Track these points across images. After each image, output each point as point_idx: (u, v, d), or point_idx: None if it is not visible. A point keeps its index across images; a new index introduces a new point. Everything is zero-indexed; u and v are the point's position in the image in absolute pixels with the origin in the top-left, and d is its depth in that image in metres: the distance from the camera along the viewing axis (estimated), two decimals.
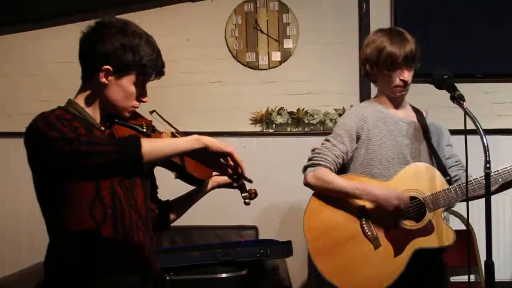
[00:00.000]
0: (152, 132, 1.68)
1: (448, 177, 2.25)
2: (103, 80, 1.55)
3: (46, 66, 3.87)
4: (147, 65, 1.57)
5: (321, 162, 2.27)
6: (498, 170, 2.14)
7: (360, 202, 2.22)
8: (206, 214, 2.08)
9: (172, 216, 1.88)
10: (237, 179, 1.63)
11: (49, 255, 1.60)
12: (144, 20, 1.72)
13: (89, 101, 1.61)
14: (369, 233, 2.20)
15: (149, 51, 1.57)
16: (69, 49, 4.10)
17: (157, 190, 1.88)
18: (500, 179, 2.14)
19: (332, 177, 2.23)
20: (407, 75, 2.24)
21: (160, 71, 1.62)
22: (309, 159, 2.33)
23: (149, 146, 1.41)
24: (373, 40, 2.28)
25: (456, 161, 2.37)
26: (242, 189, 1.92)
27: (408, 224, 2.19)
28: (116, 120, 1.61)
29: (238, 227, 3.62)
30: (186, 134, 1.69)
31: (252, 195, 1.92)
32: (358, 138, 2.28)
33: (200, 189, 1.85)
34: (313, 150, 2.34)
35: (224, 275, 2.95)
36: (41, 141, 1.43)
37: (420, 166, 2.23)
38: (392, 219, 2.20)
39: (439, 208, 2.19)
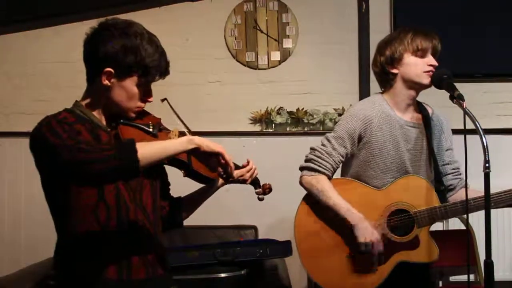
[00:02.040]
0: (159, 131, 1.67)
1: (443, 187, 2.25)
2: (106, 82, 1.56)
3: (45, 66, 3.87)
4: (150, 65, 1.56)
5: (320, 169, 2.24)
6: (500, 194, 2.13)
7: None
8: (205, 213, 2.07)
9: (184, 213, 1.88)
10: (227, 178, 1.62)
11: (56, 252, 1.63)
12: (143, 19, 1.71)
13: (94, 103, 1.62)
14: (356, 241, 2.19)
15: (151, 51, 1.56)
16: (68, 49, 4.14)
17: (169, 187, 1.88)
18: (492, 204, 2.11)
19: (328, 191, 2.21)
20: (435, 62, 2.18)
21: (164, 71, 1.61)
22: (308, 160, 2.29)
23: (144, 151, 1.43)
24: (396, 36, 2.23)
25: (453, 169, 2.33)
26: (256, 184, 1.88)
27: (395, 236, 2.19)
28: (122, 121, 1.62)
29: (237, 227, 3.61)
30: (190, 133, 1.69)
31: (267, 190, 1.88)
32: (360, 140, 2.24)
33: (210, 186, 1.85)
34: (312, 149, 2.29)
35: (223, 275, 2.95)
36: (44, 147, 1.46)
37: (415, 179, 2.22)
38: (380, 231, 2.19)
39: (427, 225, 2.20)
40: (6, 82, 3.88)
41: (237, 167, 1.79)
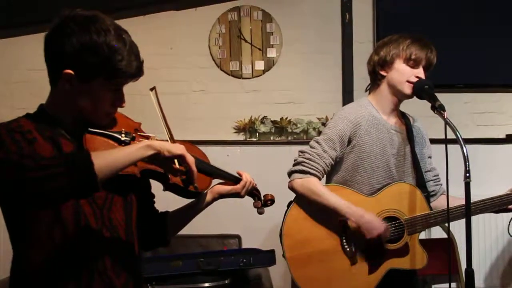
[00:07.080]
0: (132, 139, 1.47)
1: (426, 193, 2.26)
2: (67, 86, 1.36)
3: (29, 74, 3.83)
4: (117, 66, 1.35)
5: (311, 171, 2.20)
6: (477, 202, 2.17)
7: (342, 217, 2.19)
8: None
9: (171, 230, 1.66)
10: (187, 182, 1.44)
11: (12, 280, 1.42)
12: (127, 28, 1.67)
13: (58, 108, 1.42)
14: (347, 249, 2.19)
15: (119, 49, 1.35)
16: None
17: (154, 199, 1.67)
18: (477, 211, 2.18)
19: (322, 190, 2.17)
20: (423, 75, 2.17)
21: (135, 72, 1.39)
22: (298, 163, 2.24)
23: (101, 162, 1.25)
24: (394, 40, 2.22)
25: (435, 175, 2.37)
26: (254, 196, 1.69)
27: (386, 244, 2.18)
28: (89, 129, 1.41)
29: (221, 236, 3.61)
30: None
31: (268, 202, 1.71)
32: (349, 142, 2.22)
33: (198, 200, 1.63)
34: (302, 152, 2.25)
35: (206, 284, 2.94)
36: None
37: (404, 186, 2.23)
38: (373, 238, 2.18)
39: (417, 232, 2.21)
40: None
41: (236, 179, 1.66)
